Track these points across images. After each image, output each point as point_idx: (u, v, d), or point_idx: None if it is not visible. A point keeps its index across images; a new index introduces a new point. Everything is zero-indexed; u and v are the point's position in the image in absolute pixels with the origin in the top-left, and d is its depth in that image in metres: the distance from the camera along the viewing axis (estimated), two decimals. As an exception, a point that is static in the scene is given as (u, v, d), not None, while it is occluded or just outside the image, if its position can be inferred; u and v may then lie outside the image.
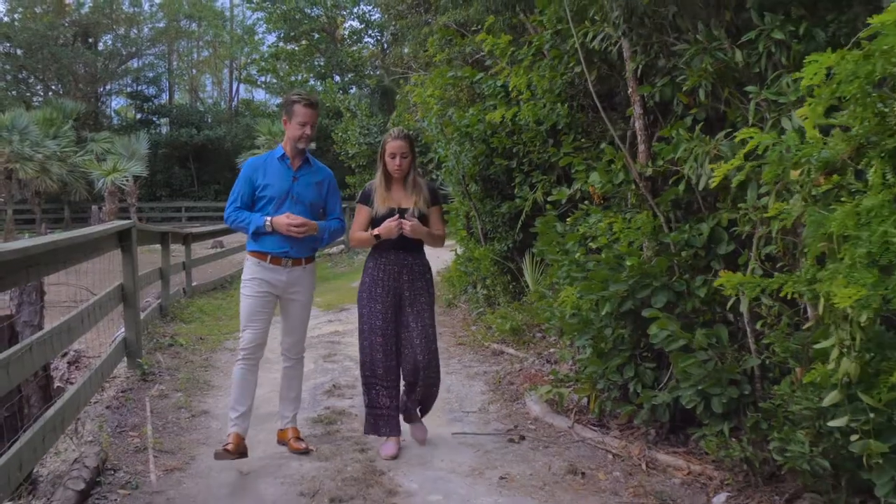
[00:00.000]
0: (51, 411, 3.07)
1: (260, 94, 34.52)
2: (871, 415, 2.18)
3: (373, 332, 3.57)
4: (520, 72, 4.94)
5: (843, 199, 2.08)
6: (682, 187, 3.47)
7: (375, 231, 3.48)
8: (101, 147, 21.40)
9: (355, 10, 27.00)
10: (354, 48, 27.13)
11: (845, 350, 2.21)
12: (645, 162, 3.85)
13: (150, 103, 30.68)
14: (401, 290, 3.57)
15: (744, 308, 3.05)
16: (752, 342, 3.17)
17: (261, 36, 32.86)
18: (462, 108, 6.76)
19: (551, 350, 5.28)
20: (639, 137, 3.91)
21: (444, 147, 7.09)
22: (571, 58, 4.45)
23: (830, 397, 2.26)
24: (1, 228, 18.88)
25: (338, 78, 27.26)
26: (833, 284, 1.93)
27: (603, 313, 3.61)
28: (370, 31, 27.13)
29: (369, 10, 26.52)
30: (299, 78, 28.87)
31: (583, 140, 4.73)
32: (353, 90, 26.40)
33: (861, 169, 2.28)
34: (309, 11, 27.10)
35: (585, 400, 4.11)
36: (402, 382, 3.69)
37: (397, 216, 3.46)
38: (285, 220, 3.44)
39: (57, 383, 4.34)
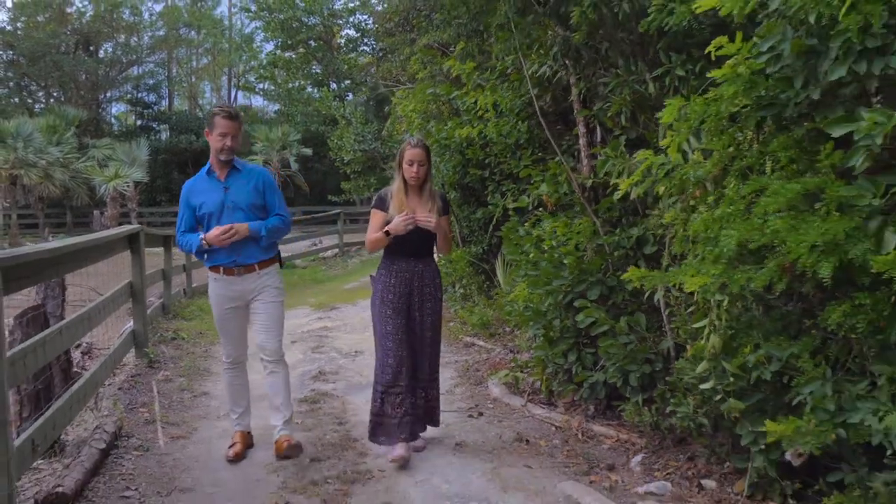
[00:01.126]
0: (76, 385, 3.65)
1: (258, 101, 35.20)
2: (732, 378, 2.76)
3: (385, 337, 3.63)
4: (486, 92, 5.55)
5: (702, 210, 2.67)
6: (615, 197, 4.06)
7: (386, 228, 3.53)
8: (102, 153, 21.85)
9: (351, 19, 27.61)
10: (351, 55, 27.70)
11: (713, 328, 2.80)
12: (587, 174, 4.44)
13: (150, 110, 31.23)
14: (411, 296, 3.66)
15: (658, 297, 3.65)
16: (667, 327, 3.75)
17: (259, 44, 33.54)
18: (443, 121, 7.33)
19: (516, 342, 5.86)
20: (582, 153, 4.51)
21: (426, 157, 7.64)
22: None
23: (701, 366, 2.84)
24: (6, 233, 19.43)
25: (334, 85, 27.83)
26: (686, 275, 2.52)
27: (547, 305, 4.20)
28: (366, 40, 27.73)
29: (365, 20, 27.14)
30: (296, 85, 29.44)
31: (540, 154, 5.33)
32: (350, 97, 26.95)
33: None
34: (306, 20, 27.64)
35: (538, 382, 4.70)
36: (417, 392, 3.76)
37: (406, 213, 3.50)
38: (215, 233, 3.46)
39: (73, 369, 4.91)
